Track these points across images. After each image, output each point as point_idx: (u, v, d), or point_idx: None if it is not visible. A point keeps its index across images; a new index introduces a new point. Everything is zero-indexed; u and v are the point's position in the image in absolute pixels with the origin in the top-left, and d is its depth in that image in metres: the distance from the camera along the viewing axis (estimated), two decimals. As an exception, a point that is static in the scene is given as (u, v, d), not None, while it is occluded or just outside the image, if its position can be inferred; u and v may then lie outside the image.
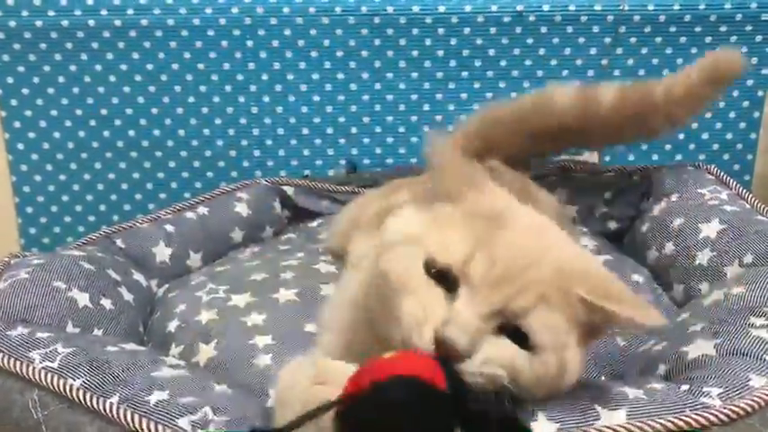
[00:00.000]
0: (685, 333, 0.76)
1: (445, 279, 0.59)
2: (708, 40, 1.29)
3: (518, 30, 1.29)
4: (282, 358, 0.81)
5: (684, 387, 0.64)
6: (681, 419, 0.59)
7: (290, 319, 0.88)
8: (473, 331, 0.56)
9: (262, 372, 0.79)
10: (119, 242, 1.05)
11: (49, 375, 0.67)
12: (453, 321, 0.56)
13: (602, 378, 0.81)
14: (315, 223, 1.24)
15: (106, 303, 0.89)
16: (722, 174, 1.12)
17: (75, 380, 0.67)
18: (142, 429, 0.61)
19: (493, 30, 1.29)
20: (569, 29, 1.29)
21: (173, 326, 0.90)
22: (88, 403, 0.64)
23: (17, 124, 1.33)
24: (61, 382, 0.66)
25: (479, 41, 1.30)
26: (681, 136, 1.35)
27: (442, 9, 1.27)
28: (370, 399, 0.52)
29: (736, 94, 1.33)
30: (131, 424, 0.62)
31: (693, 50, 1.29)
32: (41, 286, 0.84)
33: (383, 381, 0.52)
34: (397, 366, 0.53)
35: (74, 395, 0.65)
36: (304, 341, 0.83)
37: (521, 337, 0.58)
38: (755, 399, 0.61)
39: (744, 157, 1.37)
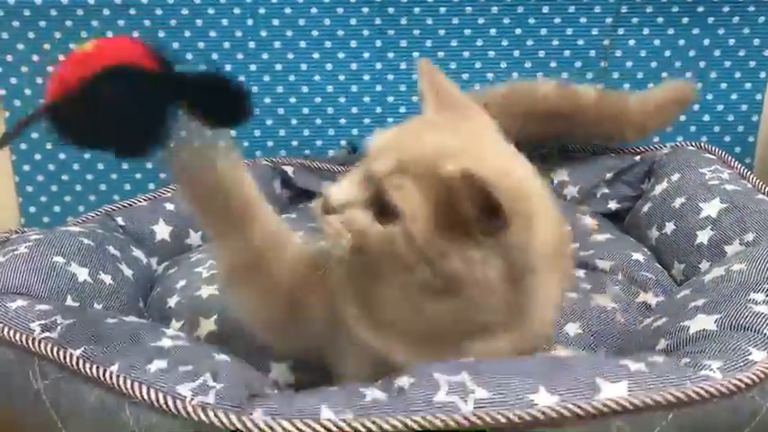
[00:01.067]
0: (686, 309, 0.77)
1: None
2: (710, 20, 1.28)
3: (520, 9, 1.28)
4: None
5: (685, 360, 0.64)
6: (682, 392, 0.59)
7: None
8: (346, 192, 0.64)
9: (262, 345, 0.79)
10: (119, 220, 1.05)
11: (49, 345, 0.67)
12: (335, 185, 0.65)
13: (602, 354, 0.82)
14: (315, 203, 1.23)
15: (106, 278, 0.89)
16: (724, 153, 1.13)
17: (74, 350, 0.67)
18: (142, 396, 0.61)
19: (495, 9, 1.28)
20: (571, 8, 1.28)
21: (173, 301, 0.90)
22: (88, 372, 0.64)
23: (17, 103, 1.33)
24: (61, 351, 0.66)
25: (481, 21, 1.29)
26: (682, 118, 1.34)
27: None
28: (80, 98, 0.50)
29: (738, 75, 1.32)
30: (131, 391, 0.62)
31: (695, 31, 1.29)
32: (41, 260, 0.84)
33: (92, 77, 0.50)
34: (104, 58, 0.51)
35: (74, 364, 0.65)
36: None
37: (385, 208, 0.62)
38: (756, 372, 0.61)
39: (745, 138, 1.36)
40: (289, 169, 1.26)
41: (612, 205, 1.20)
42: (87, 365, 0.65)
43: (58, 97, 0.50)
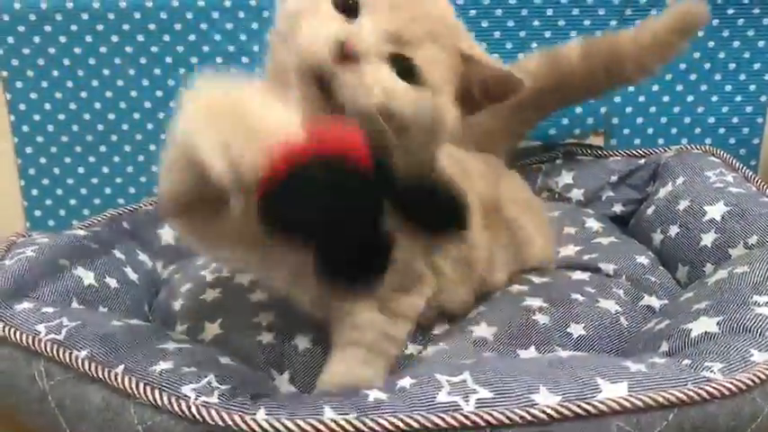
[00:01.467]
0: (689, 311, 0.77)
1: (349, 10, 0.61)
2: (714, 23, 1.28)
3: (524, 12, 1.28)
4: (285, 335, 0.82)
5: (686, 362, 0.65)
6: (682, 392, 0.59)
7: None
8: (369, 43, 0.58)
9: (265, 348, 0.80)
10: (124, 224, 1.06)
11: (55, 347, 0.68)
12: (351, 31, 0.58)
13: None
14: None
15: (111, 282, 0.89)
16: (728, 156, 1.13)
17: (80, 351, 0.68)
18: (146, 396, 0.61)
19: (498, 12, 1.28)
20: (575, 11, 1.28)
21: (177, 305, 0.91)
22: (93, 373, 0.65)
23: (22, 107, 1.33)
24: (67, 353, 0.67)
25: (485, 24, 1.29)
26: (687, 120, 1.34)
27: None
28: (290, 185, 0.47)
29: (743, 77, 1.32)
30: (136, 392, 0.62)
31: (700, 33, 1.28)
32: (47, 264, 0.84)
33: (304, 164, 0.47)
34: (322, 144, 0.48)
35: (79, 365, 0.66)
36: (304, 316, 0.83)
37: (408, 72, 0.60)
38: (757, 373, 0.61)
39: (750, 141, 1.36)
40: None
41: (617, 208, 1.20)
42: (93, 366, 0.66)
43: (267, 180, 0.48)
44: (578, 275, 0.96)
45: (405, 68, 0.60)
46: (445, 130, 0.63)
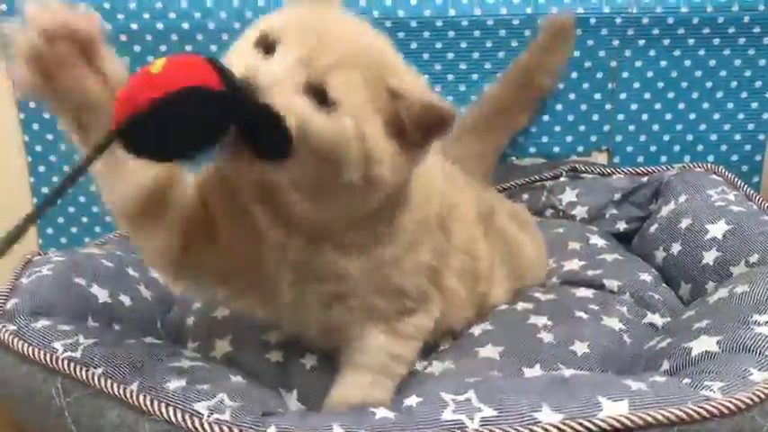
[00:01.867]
0: (690, 330, 0.78)
1: (268, 47, 0.62)
2: (716, 42, 1.29)
3: (527, 33, 1.30)
4: (293, 353, 0.83)
5: (686, 381, 0.66)
6: (682, 411, 0.60)
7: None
8: (277, 76, 0.59)
9: (274, 366, 0.81)
10: (136, 241, 1.07)
11: (72, 364, 0.70)
12: (257, 66, 0.59)
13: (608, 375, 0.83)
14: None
15: (125, 300, 0.91)
16: (730, 175, 1.14)
17: (96, 368, 0.69)
18: (161, 413, 0.63)
19: (502, 32, 1.30)
20: (578, 31, 1.30)
21: (189, 321, 0.93)
22: (109, 390, 0.67)
23: (35, 126, 1.36)
24: (83, 370, 0.69)
25: (489, 44, 1.31)
26: (689, 137, 1.36)
27: (452, 12, 1.29)
28: (149, 119, 0.53)
29: (744, 95, 1.34)
30: (150, 408, 0.64)
31: (701, 52, 1.30)
32: (63, 282, 0.86)
33: (163, 97, 0.53)
34: (173, 80, 0.54)
35: (95, 382, 0.68)
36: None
37: (322, 98, 0.60)
38: (756, 392, 0.63)
39: (752, 158, 1.37)
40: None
41: (621, 226, 1.21)
42: (109, 383, 0.68)
43: (128, 118, 0.54)
44: (582, 292, 0.97)
45: (319, 95, 0.60)
46: (374, 157, 0.62)
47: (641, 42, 1.31)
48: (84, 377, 0.68)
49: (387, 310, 0.74)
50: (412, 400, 0.63)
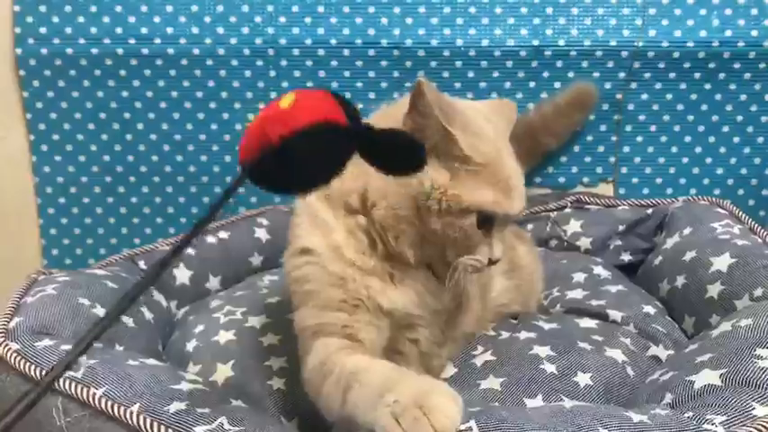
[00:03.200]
0: (693, 363, 0.77)
1: None
2: (721, 76, 1.30)
3: (534, 64, 1.31)
4: (295, 381, 0.82)
5: (689, 414, 0.65)
6: (684, 444, 0.60)
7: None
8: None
9: (275, 394, 0.81)
10: (141, 264, 1.08)
11: (73, 384, 0.70)
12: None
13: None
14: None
15: (128, 321, 0.91)
16: (735, 208, 1.14)
17: (97, 389, 0.69)
18: (160, 436, 0.63)
19: (509, 63, 1.31)
20: (584, 63, 1.31)
21: (191, 346, 0.92)
22: (109, 411, 0.67)
23: (44, 147, 1.37)
24: (84, 390, 0.69)
25: (496, 74, 1.32)
26: (695, 170, 1.36)
27: (459, 42, 1.30)
28: (279, 155, 0.54)
29: (750, 130, 1.34)
30: (150, 430, 0.64)
31: (707, 86, 1.31)
32: (67, 302, 0.87)
33: (292, 136, 0.54)
34: (302, 115, 0.55)
35: (96, 403, 0.68)
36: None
37: None
38: (757, 426, 0.62)
39: (759, 192, 1.38)
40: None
41: (625, 257, 1.21)
42: (110, 404, 0.67)
43: (257, 153, 0.55)
44: (586, 322, 0.97)
45: None
46: None
47: (647, 75, 1.32)
48: (85, 397, 0.68)
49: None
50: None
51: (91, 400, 0.68)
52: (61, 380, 0.70)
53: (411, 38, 1.31)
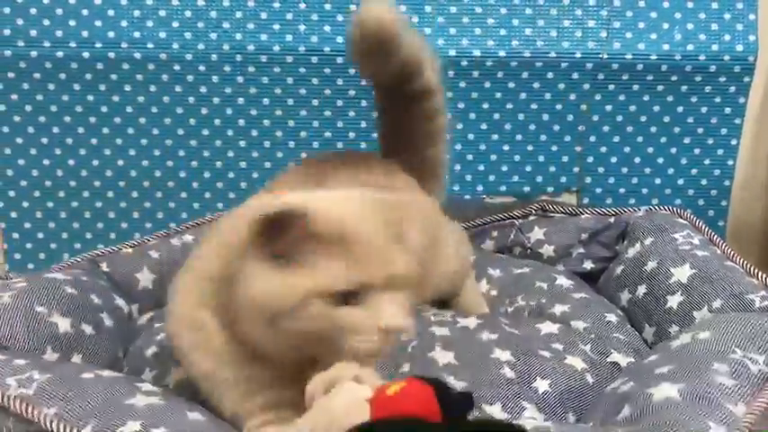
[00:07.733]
0: (652, 374, 0.78)
1: None
2: (683, 88, 1.32)
3: (500, 74, 1.32)
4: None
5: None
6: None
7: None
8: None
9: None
10: (103, 266, 1.06)
11: (24, 404, 0.68)
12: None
13: (569, 415, 0.83)
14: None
15: (87, 329, 0.90)
16: (695, 219, 1.15)
17: (48, 408, 0.68)
18: (113, 459, 0.62)
19: (476, 74, 1.32)
20: (550, 75, 1.32)
21: (150, 352, 0.92)
22: (60, 432, 0.65)
23: (8, 151, 1.35)
24: (36, 410, 0.67)
25: (462, 85, 1.33)
26: (657, 181, 1.38)
27: (452, 53, 1.31)
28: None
29: (710, 141, 1.37)
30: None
31: (669, 98, 1.33)
32: (23, 311, 0.85)
33: (385, 419, 0.59)
34: (401, 405, 0.59)
35: (47, 424, 0.66)
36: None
37: None
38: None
39: (718, 202, 1.40)
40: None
41: (588, 265, 1.22)
42: (61, 425, 0.66)
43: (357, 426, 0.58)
44: (548, 328, 0.97)
45: None
46: None
47: (611, 87, 1.34)
48: (36, 417, 0.67)
49: None
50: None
51: (41, 420, 0.66)
52: (11, 398, 0.68)
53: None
